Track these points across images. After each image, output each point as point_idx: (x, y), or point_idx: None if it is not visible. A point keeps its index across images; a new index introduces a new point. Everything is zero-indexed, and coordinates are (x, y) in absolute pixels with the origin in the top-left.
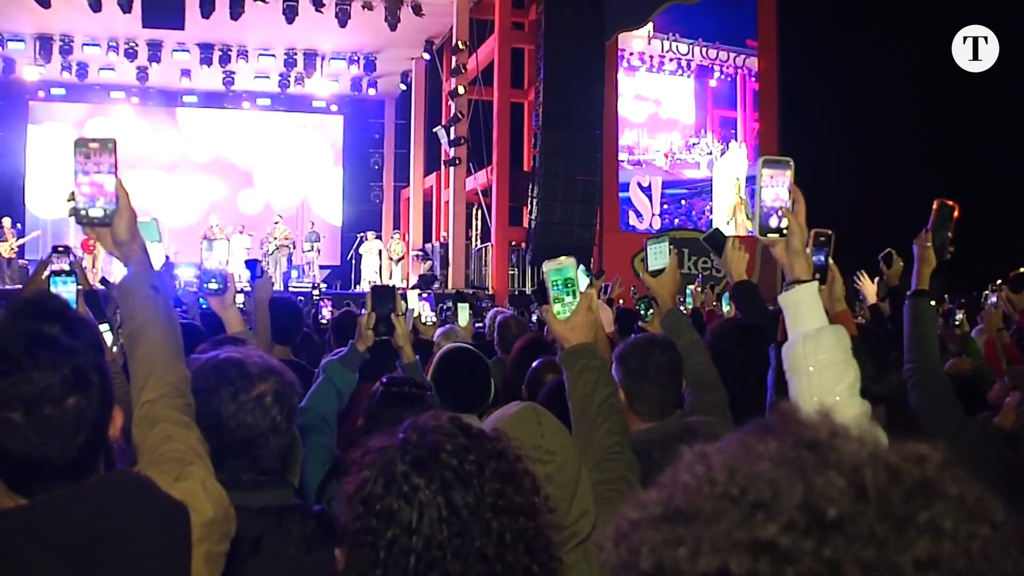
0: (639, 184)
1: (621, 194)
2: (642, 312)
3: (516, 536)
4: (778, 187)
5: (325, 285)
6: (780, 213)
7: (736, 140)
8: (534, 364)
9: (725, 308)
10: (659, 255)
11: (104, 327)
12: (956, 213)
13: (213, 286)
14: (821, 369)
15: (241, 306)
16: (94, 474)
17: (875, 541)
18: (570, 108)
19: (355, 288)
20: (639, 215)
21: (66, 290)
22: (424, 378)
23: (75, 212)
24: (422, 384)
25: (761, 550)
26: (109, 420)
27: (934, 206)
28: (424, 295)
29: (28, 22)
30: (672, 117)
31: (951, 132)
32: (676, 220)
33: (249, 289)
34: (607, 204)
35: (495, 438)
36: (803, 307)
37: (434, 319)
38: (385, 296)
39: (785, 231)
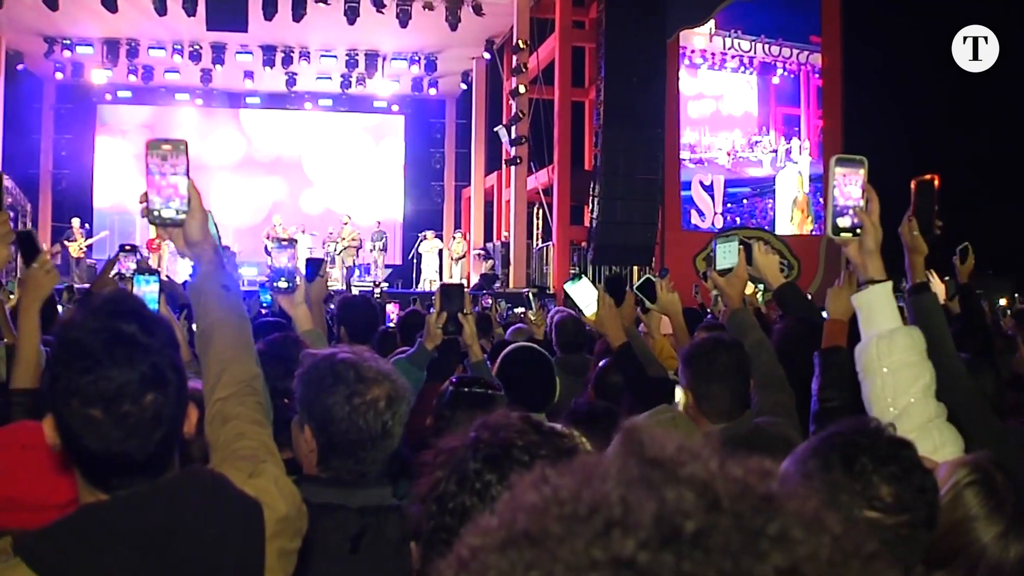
0: (701, 183)
1: (683, 193)
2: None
3: None
4: (851, 186)
5: (387, 284)
6: (853, 212)
7: (799, 138)
8: (600, 364)
9: None
10: (728, 254)
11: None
12: (937, 185)
13: (282, 284)
14: (895, 370)
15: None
16: (170, 470)
17: (732, 553)
18: (631, 106)
19: (416, 287)
20: (701, 214)
21: (148, 289)
22: (493, 377)
23: (148, 213)
24: (492, 384)
25: (621, 567)
26: (184, 417)
27: (912, 187)
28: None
29: (96, 27)
30: (734, 115)
31: (1019, 128)
32: (738, 219)
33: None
34: (669, 203)
35: (566, 435)
36: (877, 307)
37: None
38: (454, 295)
39: (858, 231)
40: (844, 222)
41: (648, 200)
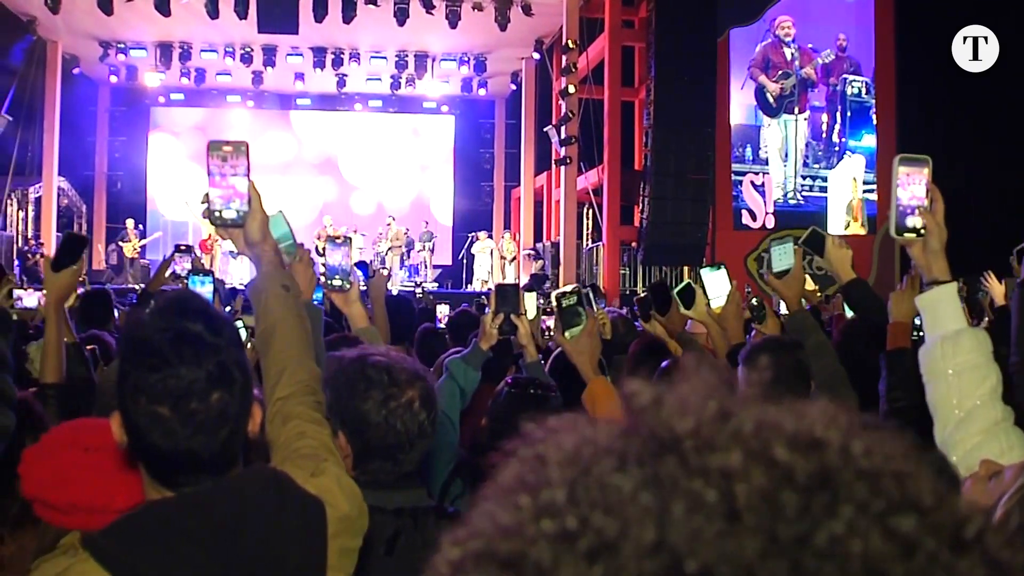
0: (752, 183)
1: (734, 193)
2: (753, 314)
3: None
4: (915, 186)
5: (436, 284)
6: (917, 212)
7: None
8: (662, 365)
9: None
10: (784, 256)
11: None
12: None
13: (337, 283)
14: (961, 372)
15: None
16: (235, 468)
17: None
18: (682, 106)
19: (467, 287)
20: (753, 214)
21: (204, 290)
22: (548, 378)
23: (209, 213)
24: (547, 385)
25: None
26: (249, 415)
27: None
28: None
29: (149, 31)
30: None
31: None
32: (791, 220)
33: (364, 288)
34: (720, 203)
35: None
36: (942, 309)
37: None
38: (509, 295)
39: (923, 231)
40: (908, 222)
41: (698, 200)
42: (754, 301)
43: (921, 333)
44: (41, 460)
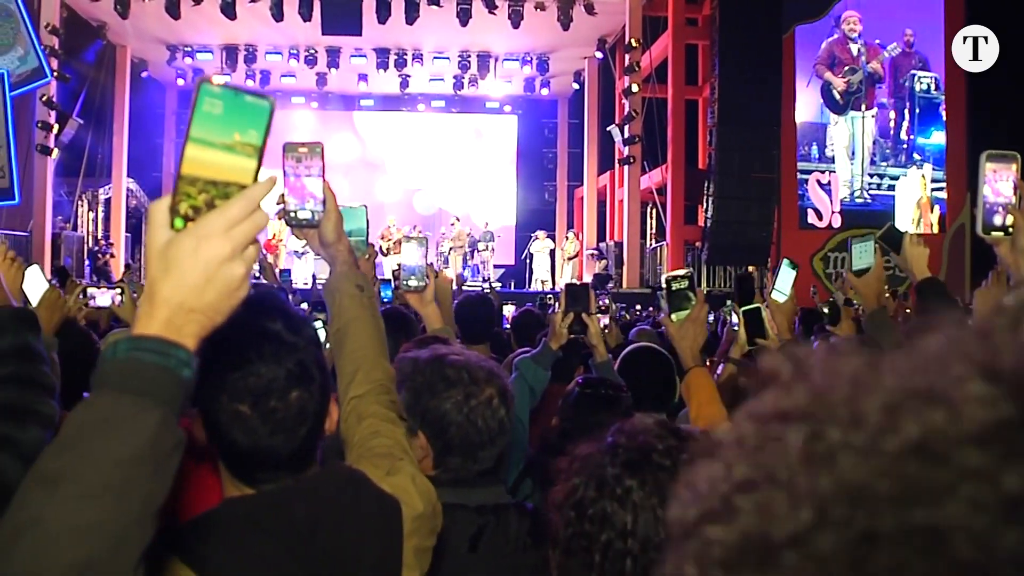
0: (818, 181)
1: (799, 191)
2: (826, 313)
3: None
4: (1002, 182)
5: (499, 284)
6: (1005, 210)
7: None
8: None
9: None
10: (864, 254)
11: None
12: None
13: (413, 283)
14: None
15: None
16: (312, 466)
17: None
18: (746, 104)
19: (528, 287)
20: (819, 213)
21: None
22: (618, 378)
23: (284, 214)
24: (617, 385)
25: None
26: (327, 414)
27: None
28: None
29: (216, 34)
30: None
31: None
32: (857, 219)
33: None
34: (785, 202)
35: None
36: None
37: None
38: (579, 294)
39: (1010, 229)
40: (995, 220)
41: (763, 199)
42: (837, 299)
43: None
44: None
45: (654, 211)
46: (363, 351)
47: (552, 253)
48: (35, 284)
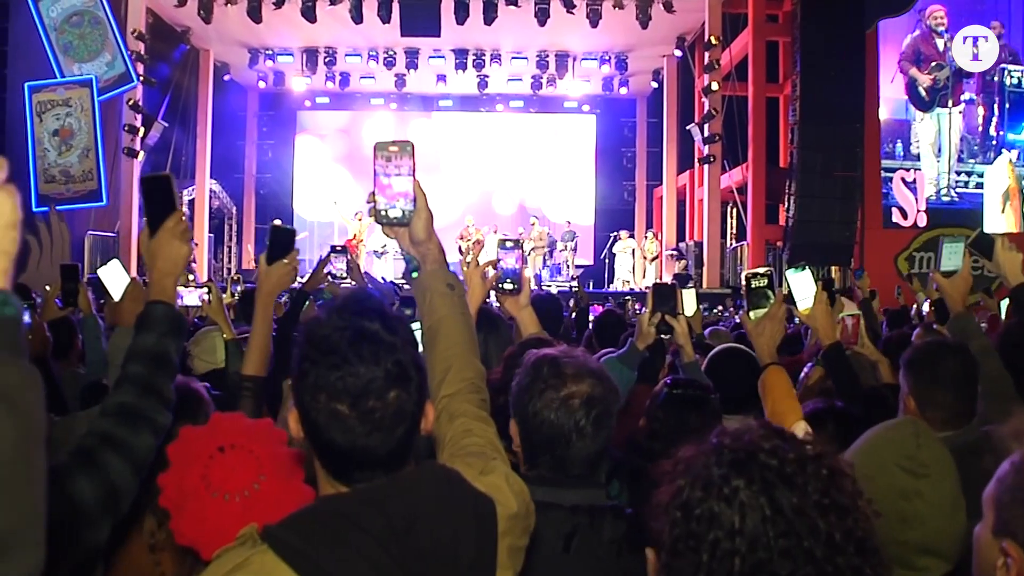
0: (903, 179)
1: (884, 190)
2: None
3: (845, 537)
4: None
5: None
6: None
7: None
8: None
9: None
10: (953, 255)
11: None
12: None
13: (508, 286)
14: None
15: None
16: (408, 465)
17: None
18: (828, 101)
19: (609, 287)
20: (904, 212)
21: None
22: (705, 378)
23: (375, 213)
24: (706, 386)
25: None
26: (423, 414)
27: None
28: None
29: (296, 37)
30: None
31: None
32: (944, 218)
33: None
34: (868, 200)
35: (810, 442)
36: None
37: None
38: (666, 294)
39: None
40: None
41: (846, 198)
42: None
43: None
44: (182, 502)
45: (734, 210)
46: (454, 350)
47: (633, 253)
48: (117, 278)
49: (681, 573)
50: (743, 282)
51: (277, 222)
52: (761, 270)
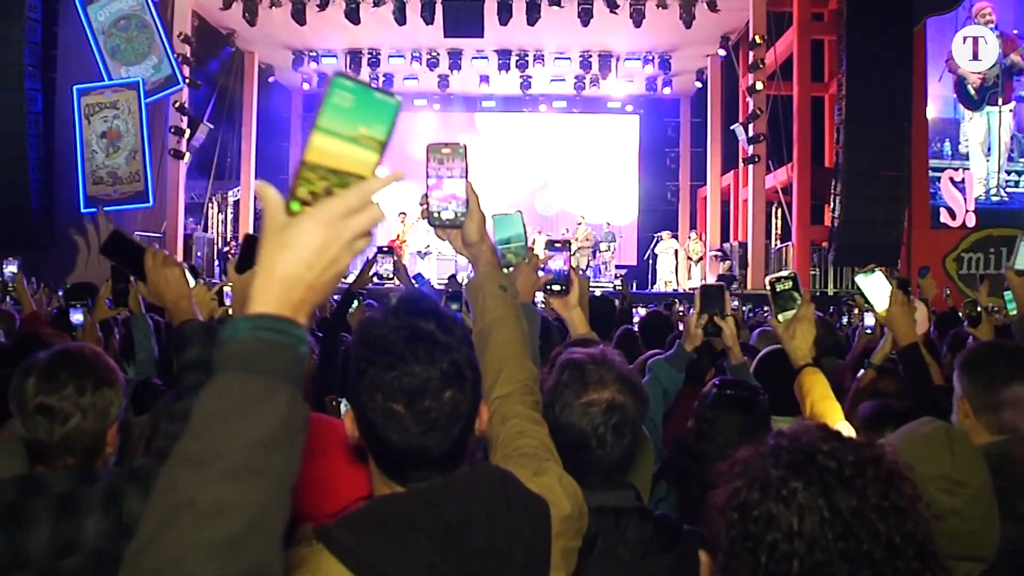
0: (951, 179)
1: (931, 190)
2: (970, 317)
3: (905, 540)
4: None
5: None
6: None
7: None
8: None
9: None
10: None
11: None
12: None
13: (556, 287)
14: None
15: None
16: (462, 465)
17: None
18: (875, 100)
19: (651, 288)
20: (952, 212)
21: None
22: (753, 380)
23: (428, 215)
24: (755, 388)
25: None
26: (477, 414)
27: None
28: None
29: (340, 39)
30: None
31: None
32: (994, 218)
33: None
34: (916, 200)
35: (869, 444)
36: None
37: None
38: (714, 296)
39: None
40: None
41: (893, 198)
42: (979, 302)
43: None
44: None
45: (779, 211)
46: (507, 351)
47: (676, 254)
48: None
49: (739, 574)
50: (767, 287)
51: (250, 232)
52: (784, 273)
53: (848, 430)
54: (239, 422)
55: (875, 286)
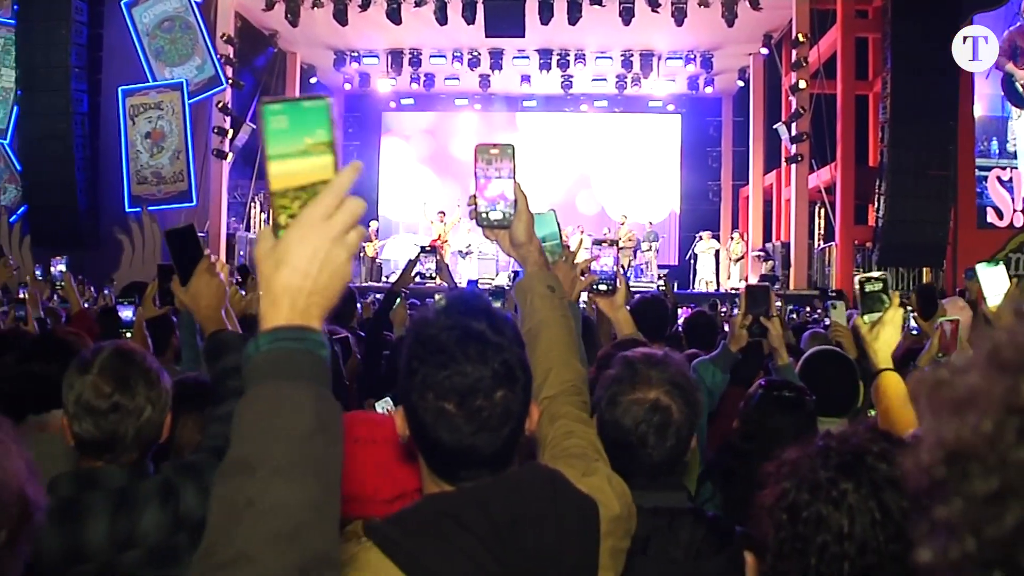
0: (999, 178)
1: (978, 189)
2: None
3: None
4: None
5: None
6: None
7: None
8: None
9: None
10: None
11: None
12: None
13: (603, 288)
14: None
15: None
16: (512, 465)
17: None
18: (920, 98)
19: (692, 288)
20: (999, 212)
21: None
22: (800, 382)
23: (476, 215)
24: (801, 389)
25: None
26: (528, 414)
27: None
28: None
29: (381, 39)
30: None
31: None
32: None
33: None
34: (962, 200)
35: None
36: None
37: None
38: (759, 296)
39: None
40: None
41: (939, 198)
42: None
43: None
44: None
45: (822, 211)
46: (555, 352)
47: (717, 254)
48: None
49: (789, 575)
50: (856, 286)
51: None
52: (875, 274)
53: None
54: (277, 423)
55: (995, 279)
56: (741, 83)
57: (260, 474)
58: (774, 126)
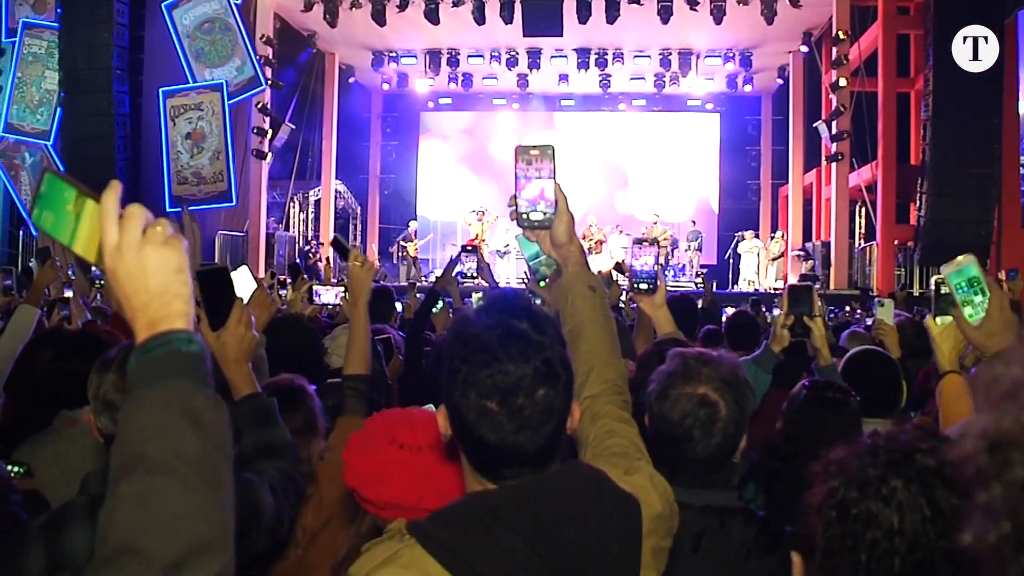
0: None
1: (1023, 188)
2: None
3: None
4: None
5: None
6: None
7: None
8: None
9: None
10: None
11: None
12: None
13: (643, 287)
14: None
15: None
16: (554, 463)
17: None
18: (963, 96)
19: (734, 288)
20: None
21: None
22: (843, 382)
23: (516, 216)
24: (845, 389)
25: None
26: (569, 412)
27: None
28: None
29: (419, 39)
30: None
31: None
32: None
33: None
34: (1006, 199)
35: None
36: None
37: None
38: (802, 296)
39: None
40: None
41: (982, 197)
42: None
43: None
44: (362, 453)
45: (863, 210)
46: (596, 351)
47: (759, 253)
48: (245, 283)
49: (839, 573)
50: (932, 286)
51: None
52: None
53: None
54: (146, 424)
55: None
56: (780, 81)
57: (136, 475)
58: (814, 124)
